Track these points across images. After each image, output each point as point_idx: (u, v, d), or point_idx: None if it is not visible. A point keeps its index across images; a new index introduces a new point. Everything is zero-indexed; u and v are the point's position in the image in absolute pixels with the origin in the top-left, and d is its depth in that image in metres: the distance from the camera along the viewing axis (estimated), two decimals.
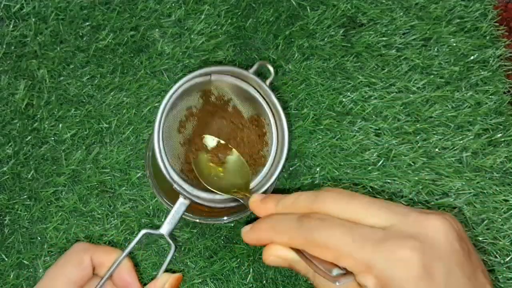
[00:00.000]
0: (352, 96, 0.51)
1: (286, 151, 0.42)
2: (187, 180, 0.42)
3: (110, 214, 0.48)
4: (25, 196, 0.48)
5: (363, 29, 0.52)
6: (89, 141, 0.49)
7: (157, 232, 0.41)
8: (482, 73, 0.51)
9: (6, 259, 0.46)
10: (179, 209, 0.41)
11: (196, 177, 0.42)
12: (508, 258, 0.47)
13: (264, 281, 0.47)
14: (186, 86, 0.43)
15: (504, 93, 0.51)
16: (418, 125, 0.50)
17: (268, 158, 0.44)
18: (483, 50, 0.52)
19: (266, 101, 0.44)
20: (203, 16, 0.52)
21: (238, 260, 0.47)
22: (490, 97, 0.51)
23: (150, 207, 0.48)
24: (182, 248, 0.47)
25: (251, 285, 0.47)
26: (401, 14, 0.53)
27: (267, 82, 0.44)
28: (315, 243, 0.29)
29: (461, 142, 0.50)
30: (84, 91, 0.50)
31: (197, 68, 0.51)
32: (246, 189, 0.41)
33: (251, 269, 0.47)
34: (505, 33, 0.54)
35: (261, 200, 0.35)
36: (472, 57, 0.52)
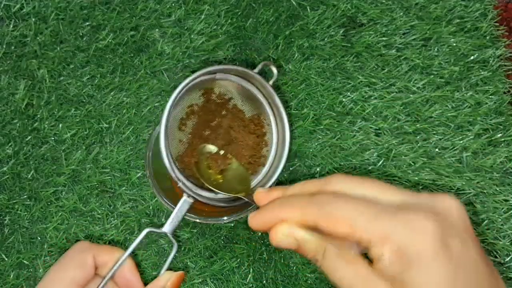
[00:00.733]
0: (352, 96, 0.51)
1: (286, 151, 0.42)
2: (191, 179, 0.42)
3: (110, 214, 0.48)
4: (25, 196, 0.48)
5: (363, 29, 0.52)
6: (89, 141, 0.49)
7: (160, 230, 0.41)
8: (482, 73, 0.51)
9: (6, 259, 0.46)
10: (182, 207, 0.41)
11: (198, 178, 0.42)
12: (508, 258, 0.47)
13: (264, 281, 0.47)
14: (191, 84, 0.43)
15: (504, 93, 0.51)
16: (418, 125, 0.50)
17: (268, 158, 0.44)
18: (483, 50, 0.52)
19: (268, 101, 0.44)
20: (203, 16, 0.52)
21: (238, 260, 0.47)
22: (490, 97, 0.51)
23: (150, 207, 0.48)
24: (182, 248, 0.47)
25: (251, 285, 0.47)
26: (401, 14, 0.53)
27: (270, 82, 0.44)
28: (329, 215, 0.28)
29: (461, 142, 0.50)
30: (84, 91, 0.50)
31: (198, 68, 0.51)
32: (246, 192, 0.41)
33: (251, 269, 0.47)
34: (505, 33, 0.54)
35: (267, 192, 0.34)
36: (472, 57, 0.52)
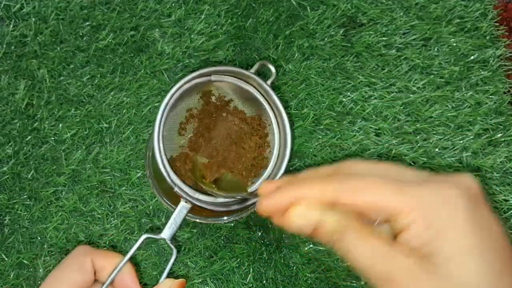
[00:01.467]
0: (352, 96, 0.51)
1: (289, 152, 0.42)
2: (187, 183, 0.41)
3: (110, 214, 0.48)
4: (25, 196, 0.48)
5: (363, 29, 0.52)
6: (89, 141, 0.49)
7: (158, 236, 0.41)
8: (482, 73, 0.51)
9: (6, 259, 0.46)
10: (180, 212, 0.41)
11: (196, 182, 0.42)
12: None
13: (264, 281, 0.47)
14: (186, 86, 0.42)
15: (504, 93, 0.51)
16: (418, 125, 0.50)
17: (271, 160, 0.44)
18: (483, 50, 0.52)
19: (268, 101, 0.44)
20: (203, 16, 0.52)
21: (238, 260, 0.47)
22: (490, 97, 0.51)
23: (150, 207, 0.48)
24: (182, 248, 0.47)
25: (251, 285, 0.47)
26: (401, 14, 0.53)
27: (268, 82, 0.43)
28: (352, 187, 0.27)
29: (461, 142, 0.50)
30: (84, 91, 0.50)
31: (197, 68, 0.51)
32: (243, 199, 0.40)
33: (251, 268, 0.47)
34: (505, 33, 0.54)
35: (275, 182, 0.31)
36: (472, 57, 0.52)
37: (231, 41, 0.52)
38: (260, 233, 0.48)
